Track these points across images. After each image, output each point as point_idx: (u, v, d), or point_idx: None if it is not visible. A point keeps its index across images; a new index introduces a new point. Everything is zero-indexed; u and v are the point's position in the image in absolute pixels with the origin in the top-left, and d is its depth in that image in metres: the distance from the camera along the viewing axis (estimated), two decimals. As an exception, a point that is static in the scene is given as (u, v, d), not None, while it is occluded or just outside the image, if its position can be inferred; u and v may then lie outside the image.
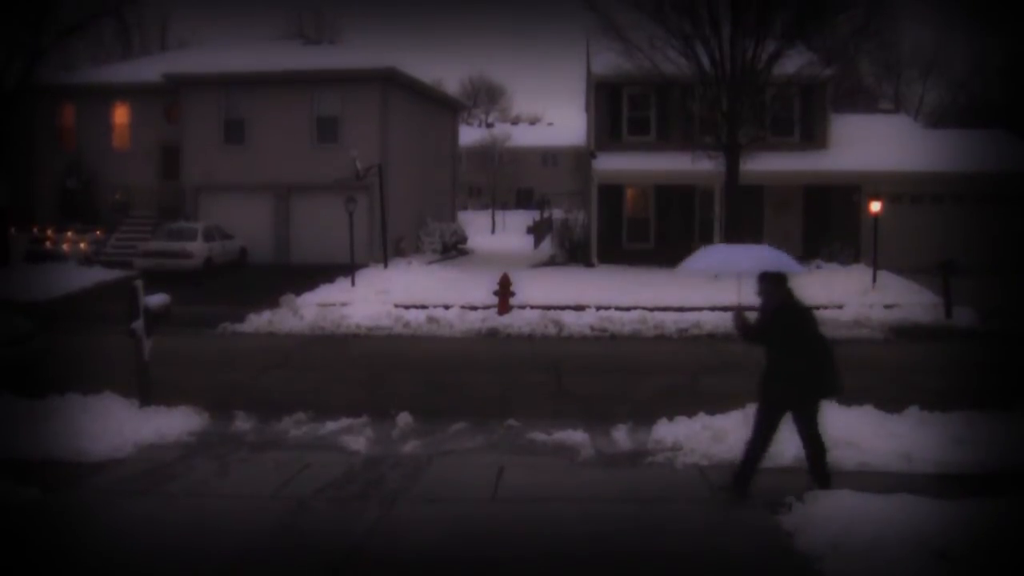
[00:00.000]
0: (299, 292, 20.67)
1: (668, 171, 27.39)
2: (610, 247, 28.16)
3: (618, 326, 17.60)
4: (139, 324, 10.59)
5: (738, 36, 23.38)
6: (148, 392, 10.54)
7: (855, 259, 25.67)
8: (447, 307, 18.97)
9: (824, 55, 25.98)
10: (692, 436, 9.13)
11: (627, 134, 29.33)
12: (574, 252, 30.12)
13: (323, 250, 27.45)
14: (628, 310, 18.64)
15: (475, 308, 18.91)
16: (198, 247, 26.04)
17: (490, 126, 75.93)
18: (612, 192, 28.66)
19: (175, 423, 9.97)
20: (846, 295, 20.29)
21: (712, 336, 16.48)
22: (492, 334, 17.27)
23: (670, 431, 9.40)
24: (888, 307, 19.31)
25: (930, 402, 9.78)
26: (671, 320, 17.75)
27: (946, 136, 31.89)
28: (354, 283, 22.37)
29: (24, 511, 7.39)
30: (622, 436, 9.63)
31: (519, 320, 17.85)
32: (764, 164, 25.52)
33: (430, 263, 29.04)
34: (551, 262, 29.92)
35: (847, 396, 9.80)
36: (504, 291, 18.70)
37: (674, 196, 28.41)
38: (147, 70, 32.26)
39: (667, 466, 8.62)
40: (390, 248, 28.08)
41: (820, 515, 6.71)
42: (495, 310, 18.48)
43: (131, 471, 8.57)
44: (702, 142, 25.23)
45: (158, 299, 11.12)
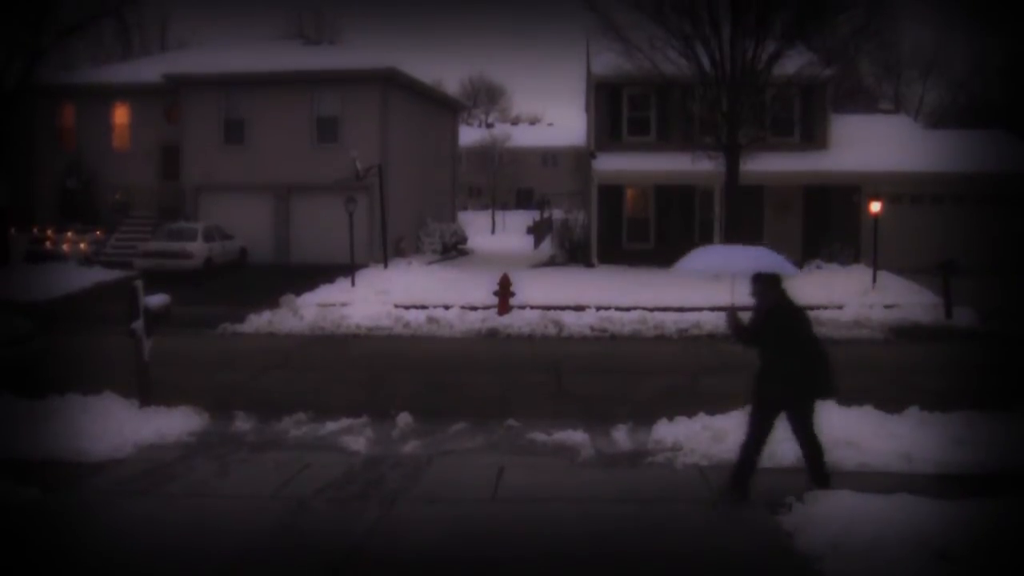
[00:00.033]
0: (299, 292, 20.68)
1: (668, 171, 27.40)
2: (610, 247, 28.16)
3: (618, 326, 17.60)
4: (139, 324, 10.60)
5: (738, 36, 23.38)
6: (148, 392, 10.55)
7: (855, 259, 25.66)
8: (447, 307, 18.97)
9: (824, 55, 25.99)
10: (692, 436, 9.13)
11: (627, 134, 29.33)
12: (574, 252, 30.13)
13: (323, 250, 27.46)
14: (628, 310, 18.66)
15: (475, 308, 18.92)
16: (198, 247, 26.05)
17: (490, 126, 75.93)
18: (612, 192, 28.67)
19: (175, 423, 9.97)
20: (846, 295, 20.30)
21: (712, 336, 16.48)
22: (492, 334, 17.27)
23: (670, 431, 9.40)
24: (888, 307, 19.31)
25: (930, 402, 9.78)
26: (671, 320, 17.76)
27: (946, 136, 31.90)
28: (354, 283, 22.37)
29: (24, 511, 7.39)
30: (622, 436, 9.63)
31: (519, 320, 17.86)
32: (764, 164, 25.52)
33: (430, 263, 29.05)
34: (551, 262, 29.93)
35: (847, 396, 9.83)
36: (504, 291, 18.71)
37: (674, 196, 28.42)
38: (147, 70, 32.29)
39: (667, 466, 8.62)
40: (390, 248, 28.08)
41: (820, 515, 6.71)
42: (495, 310, 18.48)
43: (131, 471, 8.57)
44: (702, 142, 25.23)
45: (158, 299, 11.13)
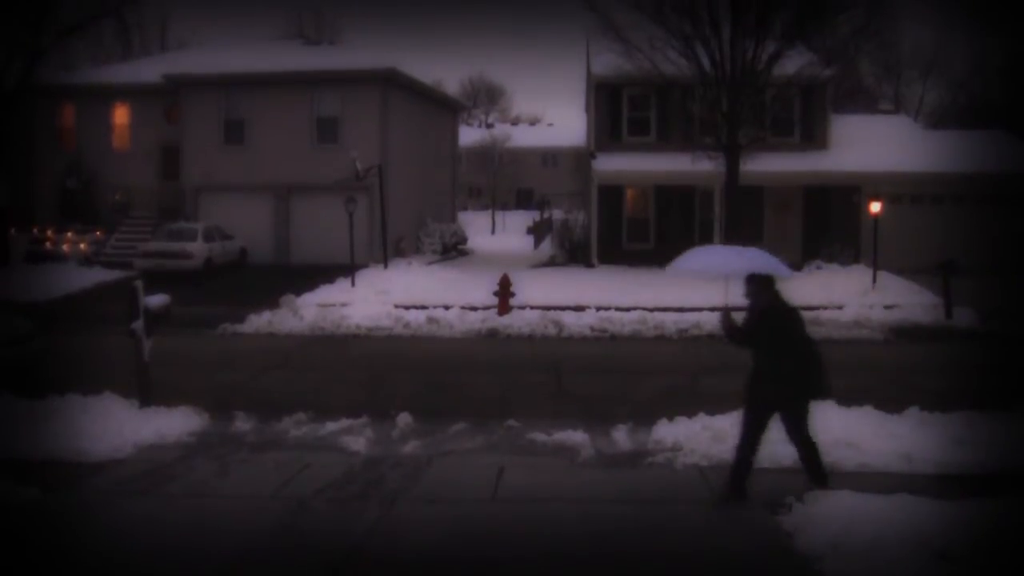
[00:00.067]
0: (299, 292, 20.68)
1: (668, 172, 27.39)
2: (610, 247, 28.16)
3: (618, 326, 17.60)
4: (139, 324, 10.60)
5: (738, 37, 23.37)
6: (148, 393, 10.55)
7: (855, 260, 25.65)
8: (447, 307, 18.97)
9: (824, 55, 25.99)
10: (692, 436, 9.14)
11: (627, 135, 29.33)
12: (574, 253, 30.12)
13: (323, 250, 27.46)
14: (628, 311, 18.66)
15: (475, 308, 18.92)
16: (198, 248, 26.05)
17: (490, 126, 75.93)
18: (612, 192, 28.67)
19: (175, 424, 9.97)
20: (846, 296, 20.30)
21: (712, 336, 16.43)
22: (492, 334, 17.27)
23: (670, 431, 9.40)
24: (888, 308, 19.31)
25: (930, 403, 9.78)
26: (671, 320, 17.76)
27: (946, 137, 31.91)
28: (354, 283, 22.37)
29: (24, 511, 7.39)
30: (622, 436, 9.63)
31: (519, 320, 17.86)
32: (764, 165, 25.52)
33: (430, 263, 29.04)
34: (551, 263, 29.92)
35: (847, 397, 9.85)
36: (504, 292, 18.70)
37: (674, 197, 28.42)
38: (147, 70, 32.28)
39: (667, 467, 8.62)
40: (390, 248, 28.08)
41: (820, 515, 6.72)
42: (495, 310, 18.48)
43: (131, 471, 8.57)
44: (702, 143, 25.22)
45: (158, 300, 11.13)
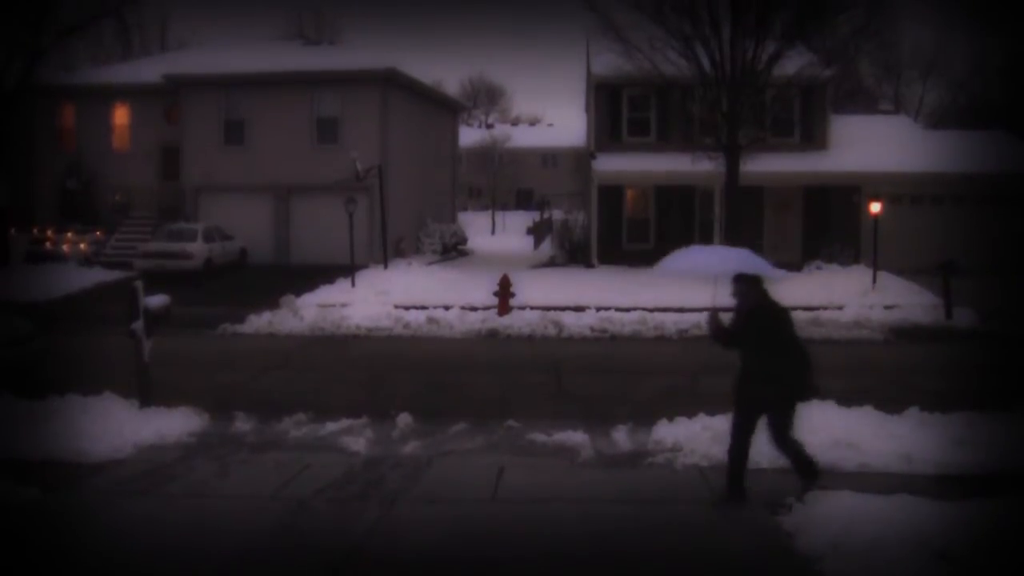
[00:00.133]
0: (299, 293, 20.68)
1: (668, 172, 27.40)
2: (610, 248, 28.16)
3: (618, 327, 17.60)
4: (139, 325, 10.60)
5: (738, 37, 23.38)
6: (148, 393, 10.55)
7: (855, 260, 25.66)
8: (447, 308, 18.97)
9: (824, 56, 26.01)
10: (692, 437, 9.13)
11: (627, 135, 29.33)
12: (574, 253, 30.12)
13: (323, 251, 27.45)
14: (628, 311, 18.66)
15: (475, 309, 18.92)
16: (198, 248, 26.04)
17: (490, 127, 75.92)
18: (612, 193, 28.67)
19: (175, 424, 9.97)
20: (846, 296, 20.30)
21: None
22: (492, 335, 17.27)
23: (670, 432, 9.40)
24: (888, 308, 19.31)
25: (930, 403, 9.77)
26: (671, 321, 17.76)
27: (946, 137, 31.90)
28: (354, 284, 22.37)
29: (24, 511, 7.39)
30: (622, 437, 9.63)
31: (519, 321, 17.86)
32: (764, 165, 25.53)
33: (430, 264, 29.04)
34: (551, 263, 29.92)
35: (847, 397, 9.87)
36: (504, 292, 18.71)
37: (674, 197, 28.42)
38: (147, 71, 32.28)
39: (667, 467, 8.62)
40: (390, 249, 28.08)
41: (820, 516, 6.71)
42: (495, 311, 18.48)
43: (131, 472, 8.57)
44: (702, 143, 25.22)
45: (158, 300, 11.12)
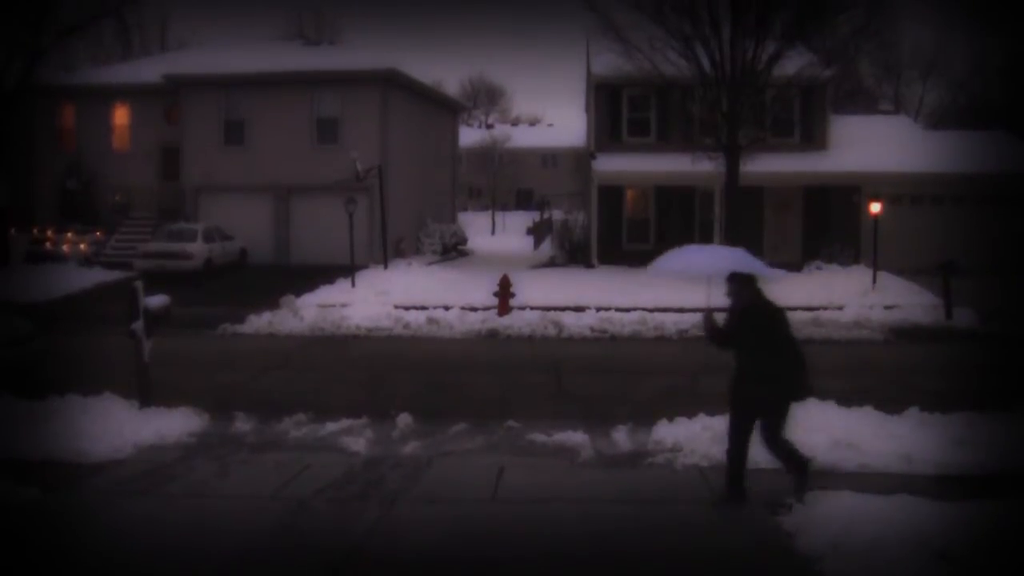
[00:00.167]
0: (299, 293, 20.69)
1: (668, 172, 27.39)
2: (610, 248, 28.15)
3: (618, 327, 17.61)
4: (139, 325, 10.60)
5: (738, 37, 23.37)
6: (148, 393, 10.55)
7: (855, 260, 25.67)
8: (447, 308, 18.98)
9: (824, 56, 25.99)
10: (692, 437, 9.13)
11: (627, 135, 29.33)
12: (574, 253, 30.11)
13: (323, 251, 27.45)
14: (628, 311, 18.66)
15: (475, 309, 18.92)
16: (198, 248, 26.04)
17: (490, 127, 75.91)
18: (612, 193, 28.66)
19: (175, 424, 9.97)
20: (846, 296, 20.31)
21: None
22: (492, 335, 17.27)
23: (670, 432, 9.40)
24: (888, 308, 19.31)
25: (930, 403, 9.77)
26: (671, 321, 17.75)
27: (946, 137, 31.89)
28: (354, 284, 22.37)
29: (24, 511, 7.39)
30: (622, 437, 9.63)
31: (519, 321, 17.86)
32: (764, 165, 25.52)
33: (430, 264, 29.04)
34: (551, 263, 29.91)
35: (847, 397, 9.87)
36: (504, 292, 18.71)
37: (674, 197, 28.42)
38: (147, 71, 32.28)
39: (667, 467, 8.62)
40: (390, 249, 28.08)
41: (820, 516, 6.71)
42: (495, 311, 18.48)
43: (131, 472, 8.56)
44: (702, 143, 25.21)
45: (158, 300, 11.12)
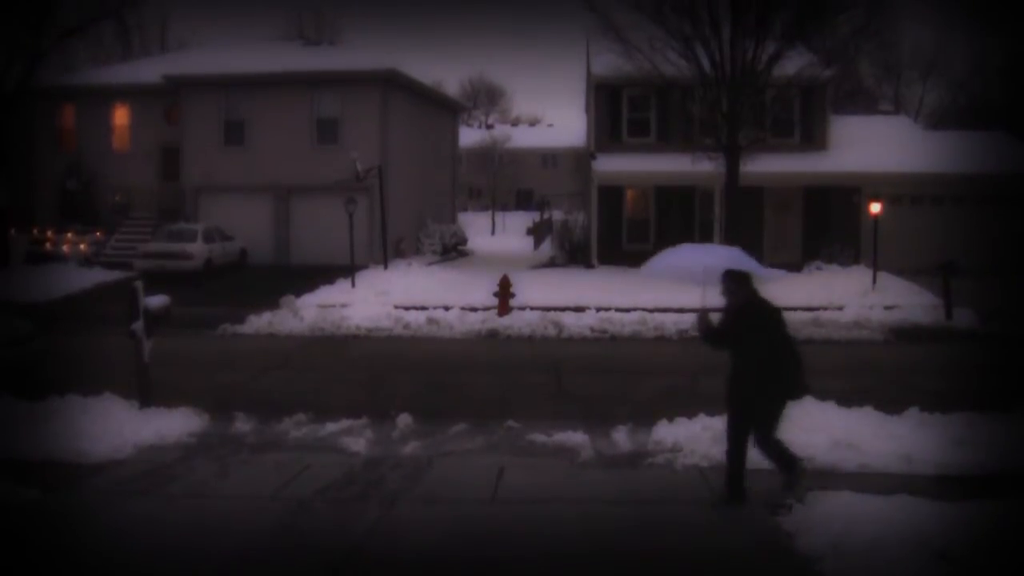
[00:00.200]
0: (299, 293, 20.69)
1: (668, 172, 27.39)
2: (610, 248, 28.15)
3: (618, 327, 17.61)
4: (139, 325, 10.60)
5: (738, 37, 23.37)
6: (148, 393, 10.55)
7: (855, 260, 25.66)
8: (447, 308, 18.98)
9: (824, 56, 25.99)
10: (692, 437, 9.13)
11: (627, 135, 29.34)
12: (574, 253, 30.11)
13: (323, 251, 27.46)
14: (628, 311, 18.66)
15: (475, 309, 18.92)
16: (198, 248, 26.04)
17: (490, 127, 75.90)
18: (612, 193, 28.66)
19: (175, 424, 9.97)
20: (846, 296, 20.31)
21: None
22: (492, 335, 17.28)
23: (670, 432, 9.39)
24: (888, 308, 19.31)
25: (930, 403, 9.77)
26: (671, 321, 17.75)
27: (946, 137, 31.88)
28: (354, 284, 22.37)
29: (24, 511, 7.40)
30: (622, 437, 9.63)
31: (519, 321, 17.87)
32: (764, 165, 25.52)
33: (430, 264, 29.04)
34: (551, 263, 29.92)
35: (847, 397, 9.87)
36: (504, 292, 18.71)
37: (674, 197, 28.42)
38: (147, 71, 32.27)
39: (667, 467, 8.62)
40: (390, 249, 28.08)
41: (820, 516, 6.72)
42: (495, 311, 18.49)
43: (131, 472, 8.57)
44: (702, 143, 25.21)
45: (158, 300, 11.12)
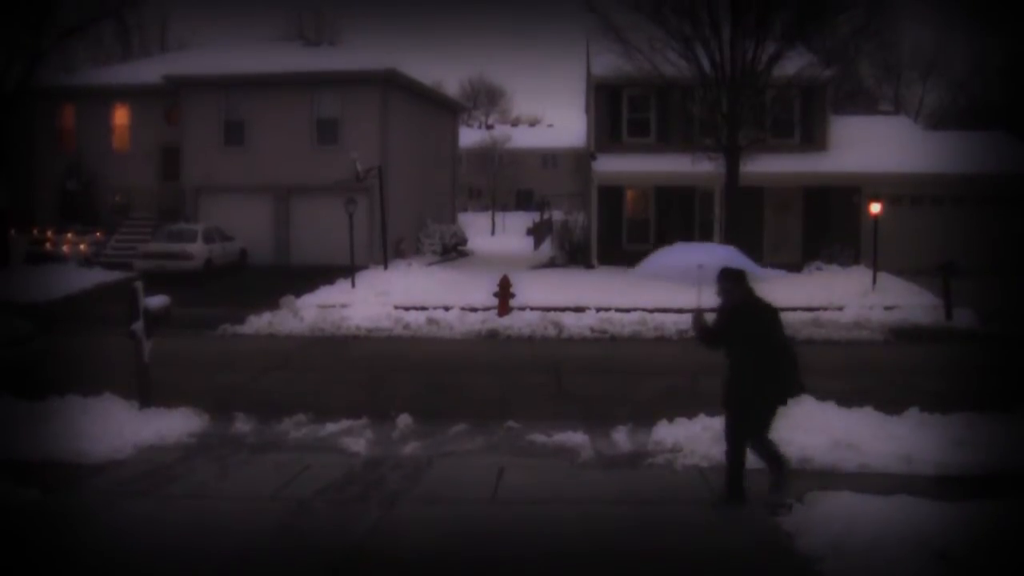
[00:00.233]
0: (299, 294, 20.69)
1: (668, 172, 27.40)
2: (610, 248, 28.14)
3: (618, 327, 17.61)
4: (139, 326, 10.60)
5: (738, 37, 23.38)
6: (148, 394, 10.55)
7: (855, 261, 25.67)
8: (447, 309, 18.98)
9: (824, 56, 26.01)
10: (692, 437, 9.13)
11: (627, 136, 29.34)
12: (574, 254, 30.11)
13: (323, 252, 27.46)
14: (628, 311, 18.66)
15: (475, 310, 18.92)
16: (198, 249, 26.03)
17: (490, 128, 75.89)
18: (612, 193, 28.67)
19: (175, 425, 9.97)
20: (846, 297, 20.31)
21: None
22: (492, 335, 17.27)
23: (670, 432, 9.40)
24: (888, 309, 19.31)
25: (930, 404, 9.77)
26: (671, 321, 17.74)
27: (946, 138, 31.89)
28: (354, 285, 22.36)
29: (24, 512, 7.39)
30: (622, 438, 9.63)
31: (519, 322, 17.86)
32: (764, 166, 25.52)
33: (430, 264, 29.04)
34: (551, 263, 29.92)
35: (847, 398, 9.87)
36: (504, 293, 18.71)
37: (674, 197, 28.42)
38: (147, 71, 32.27)
39: (667, 467, 8.62)
40: (390, 249, 28.07)
41: (820, 516, 6.72)
42: (495, 311, 18.49)
43: (131, 472, 8.57)
44: (702, 144, 25.22)
45: (158, 301, 11.12)
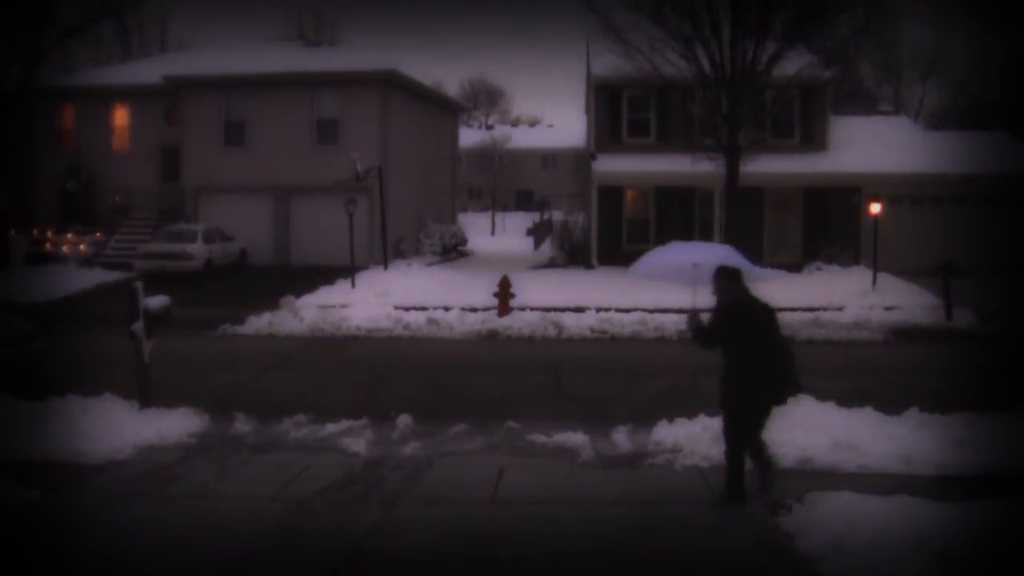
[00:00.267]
0: (299, 294, 20.69)
1: (668, 173, 27.41)
2: (610, 249, 28.14)
3: (618, 328, 17.61)
4: (139, 326, 10.60)
5: (738, 38, 23.38)
6: (148, 394, 10.55)
7: (855, 261, 25.67)
8: (447, 309, 18.98)
9: (824, 56, 26.01)
10: (692, 438, 9.13)
11: (627, 136, 29.35)
12: (574, 254, 30.11)
13: (323, 252, 27.47)
14: (628, 312, 18.66)
15: (475, 310, 18.92)
16: (198, 249, 26.04)
17: (490, 128, 75.87)
18: (612, 194, 28.67)
19: (175, 425, 9.97)
20: (846, 297, 20.31)
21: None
22: (492, 336, 17.27)
23: (670, 433, 9.39)
24: (888, 309, 19.31)
25: (930, 404, 9.77)
26: (671, 322, 17.73)
27: (946, 138, 31.89)
28: (354, 285, 22.37)
29: (24, 512, 7.39)
30: (622, 438, 9.63)
31: (519, 322, 17.86)
32: (764, 166, 25.52)
33: (430, 265, 29.05)
34: (551, 264, 29.92)
35: (847, 398, 9.88)
36: (504, 293, 18.71)
37: (674, 198, 28.42)
38: (147, 72, 32.27)
39: (667, 468, 8.62)
40: (390, 250, 28.08)
41: (820, 516, 6.72)
42: (495, 312, 18.49)
43: (131, 473, 8.56)
44: (702, 144, 25.22)
45: (158, 301, 11.12)
